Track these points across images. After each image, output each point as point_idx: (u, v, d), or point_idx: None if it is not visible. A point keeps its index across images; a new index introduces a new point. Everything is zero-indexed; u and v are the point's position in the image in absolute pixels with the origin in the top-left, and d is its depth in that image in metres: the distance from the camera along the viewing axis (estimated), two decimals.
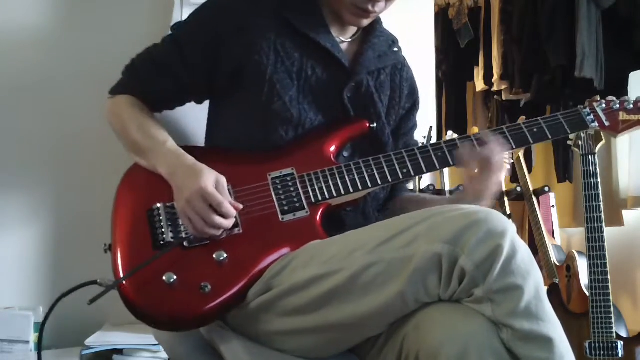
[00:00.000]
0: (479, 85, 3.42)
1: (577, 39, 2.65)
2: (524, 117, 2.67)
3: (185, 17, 2.23)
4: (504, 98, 3.24)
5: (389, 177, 1.23)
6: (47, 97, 2.41)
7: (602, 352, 2.07)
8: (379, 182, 1.23)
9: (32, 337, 2.09)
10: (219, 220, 1.13)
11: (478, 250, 0.94)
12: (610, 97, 1.37)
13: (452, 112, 3.63)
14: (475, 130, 2.93)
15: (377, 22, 1.38)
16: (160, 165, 1.22)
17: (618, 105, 1.35)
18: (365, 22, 1.31)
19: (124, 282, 1.10)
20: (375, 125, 1.32)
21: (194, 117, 1.42)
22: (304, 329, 1.07)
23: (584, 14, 2.67)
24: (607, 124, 1.33)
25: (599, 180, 2.14)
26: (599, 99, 1.36)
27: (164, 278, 1.08)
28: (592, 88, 2.65)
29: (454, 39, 3.49)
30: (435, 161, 1.24)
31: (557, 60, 2.73)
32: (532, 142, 1.27)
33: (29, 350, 2.07)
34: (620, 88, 2.74)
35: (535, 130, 1.27)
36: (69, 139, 2.41)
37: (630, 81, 2.76)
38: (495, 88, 3.26)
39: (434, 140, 2.47)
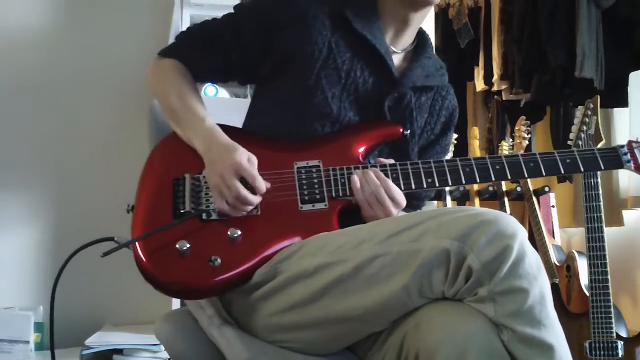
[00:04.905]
0: (479, 85, 3.41)
1: (577, 39, 2.65)
2: (524, 117, 2.70)
3: (185, 17, 2.25)
4: (504, 98, 3.24)
5: (412, 184, 1.23)
6: (47, 97, 2.42)
7: (602, 352, 2.07)
8: (402, 187, 1.23)
9: (32, 337, 2.09)
10: (249, 195, 1.15)
11: (487, 250, 0.94)
12: None
13: None
14: (475, 130, 2.93)
15: (429, 44, 1.40)
16: (196, 138, 1.25)
17: None
18: None
19: (138, 244, 1.12)
20: (408, 132, 1.33)
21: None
22: (306, 322, 1.07)
23: (584, 14, 2.67)
24: None
25: (599, 180, 2.14)
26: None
27: (177, 245, 1.10)
28: (592, 88, 2.65)
29: (454, 39, 3.48)
30: (462, 176, 1.24)
31: (557, 61, 2.72)
32: (563, 172, 1.25)
33: (29, 350, 2.07)
34: (620, 88, 2.74)
35: (568, 161, 1.26)
36: (69, 139, 2.41)
37: (630, 81, 2.76)
38: (495, 88, 3.26)
39: None
